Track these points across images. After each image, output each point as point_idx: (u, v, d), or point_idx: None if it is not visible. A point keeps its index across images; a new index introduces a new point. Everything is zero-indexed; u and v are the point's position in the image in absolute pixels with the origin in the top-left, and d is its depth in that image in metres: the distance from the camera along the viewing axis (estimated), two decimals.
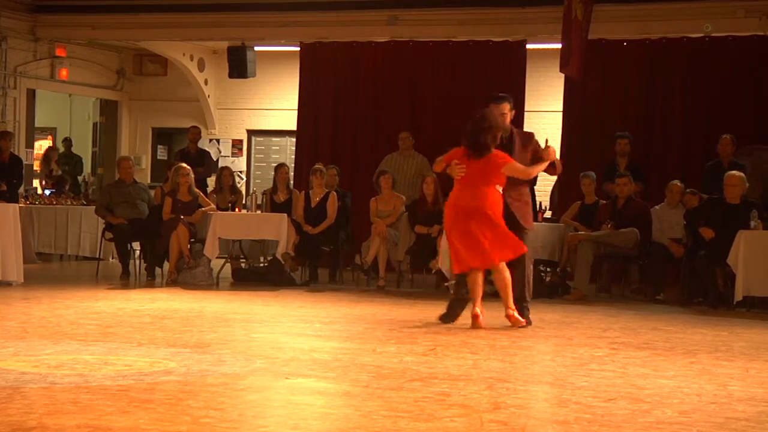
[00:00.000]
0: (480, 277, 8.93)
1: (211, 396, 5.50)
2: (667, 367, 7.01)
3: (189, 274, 12.81)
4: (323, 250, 13.55)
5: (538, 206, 13.62)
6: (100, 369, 6.25)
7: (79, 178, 19.40)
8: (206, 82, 18.80)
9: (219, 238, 12.96)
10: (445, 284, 12.53)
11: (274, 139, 19.15)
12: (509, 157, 8.95)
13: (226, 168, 14.93)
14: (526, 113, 15.68)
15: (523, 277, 9.17)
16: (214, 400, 5.38)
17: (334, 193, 13.59)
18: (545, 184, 15.18)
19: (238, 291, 12.14)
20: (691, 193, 12.58)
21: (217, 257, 13.16)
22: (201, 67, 18.69)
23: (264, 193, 13.93)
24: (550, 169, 9.36)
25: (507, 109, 9.25)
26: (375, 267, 13.18)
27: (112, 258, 15.26)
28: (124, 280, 13.14)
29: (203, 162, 15.49)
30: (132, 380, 5.87)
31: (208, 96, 18.88)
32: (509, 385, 6.10)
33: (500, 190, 8.95)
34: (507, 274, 8.90)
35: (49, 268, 15.23)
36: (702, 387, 6.22)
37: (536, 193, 14.26)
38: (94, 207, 14.78)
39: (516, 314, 8.90)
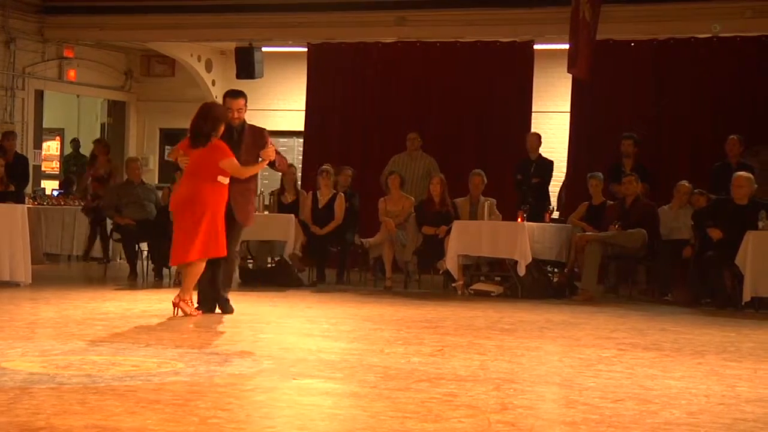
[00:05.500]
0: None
1: (219, 396, 5.50)
2: (675, 368, 7.00)
3: None
4: (330, 250, 13.57)
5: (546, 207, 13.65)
6: (108, 369, 6.25)
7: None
8: (214, 83, 18.81)
9: None
10: (452, 285, 12.53)
11: (281, 139, 19.12)
12: (230, 152, 9.09)
13: None
14: (533, 114, 15.70)
15: (230, 272, 9.65)
16: (222, 401, 5.38)
17: (342, 194, 13.60)
18: (553, 185, 15.17)
19: (245, 292, 12.12)
20: (699, 193, 12.56)
21: None
22: (209, 67, 18.71)
23: (271, 194, 13.94)
24: (275, 167, 9.68)
25: (243, 104, 9.46)
26: (381, 267, 13.20)
27: (120, 259, 15.28)
28: (132, 281, 13.15)
29: None
30: (140, 381, 5.87)
31: (216, 97, 18.85)
32: (517, 386, 6.09)
33: (225, 182, 9.06)
34: (200, 268, 8.99)
35: (56, 268, 15.24)
36: (710, 388, 6.21)
37: None
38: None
39: (183, 305, 8.97)
